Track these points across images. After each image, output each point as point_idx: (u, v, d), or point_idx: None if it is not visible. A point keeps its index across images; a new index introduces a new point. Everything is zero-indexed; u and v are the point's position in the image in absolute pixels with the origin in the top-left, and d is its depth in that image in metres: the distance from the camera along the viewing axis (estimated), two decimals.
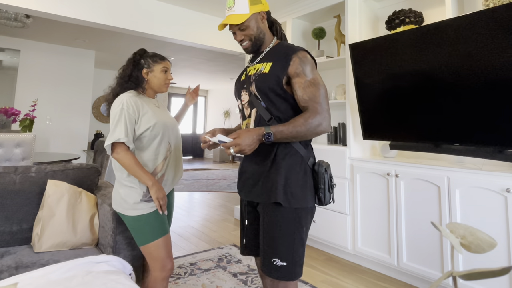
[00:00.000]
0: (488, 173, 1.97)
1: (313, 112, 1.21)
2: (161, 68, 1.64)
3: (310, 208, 1.28)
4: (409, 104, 2.35)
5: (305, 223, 1.26)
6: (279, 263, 1.20)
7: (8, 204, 1.80)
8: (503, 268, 0.42)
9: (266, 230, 1.26)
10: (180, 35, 3.74)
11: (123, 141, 1.46)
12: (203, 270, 2.51)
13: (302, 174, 1.26)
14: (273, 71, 1.27)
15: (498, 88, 1.88)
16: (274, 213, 1.24)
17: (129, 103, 1.51)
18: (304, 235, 1.25)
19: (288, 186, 1.23)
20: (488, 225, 1.94)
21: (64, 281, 1.26)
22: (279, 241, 1.22)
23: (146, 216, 1.50)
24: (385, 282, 2.40)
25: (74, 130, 5.87)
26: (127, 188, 1.52)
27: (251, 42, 1.35)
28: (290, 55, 1.27)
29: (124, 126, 1.47)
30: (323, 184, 1.26)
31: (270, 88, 1.27)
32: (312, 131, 1.20)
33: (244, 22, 1.31)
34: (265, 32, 1.38)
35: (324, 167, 1.27)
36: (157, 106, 1.68)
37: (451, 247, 0.54)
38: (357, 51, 2.62)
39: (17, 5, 2.82)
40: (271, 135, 1.17)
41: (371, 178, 2.58)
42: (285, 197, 1.22)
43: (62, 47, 5.80)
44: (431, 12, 2.69)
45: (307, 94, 1.23)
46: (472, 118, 2.02)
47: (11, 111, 3.55)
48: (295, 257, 1.21)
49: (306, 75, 1.25)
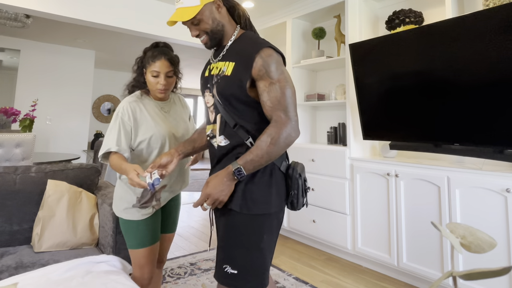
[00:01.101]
0: (488, 173, 1.97)
1: (278, 124, 1.08)
2: (150, 71, 1.44)
3: (274, 214, 1.17)
4: (409, 104, 2.35)
5: (267, 230, 1.14)
6: (229, 270, 1.11)
7: (8, 204, 1.80)
8: (503, 268, 0.42)
9: (220, 234, 1.19)
10: (180, 35, 3.74)
11: (114, 151, 1.37)
12: (203, 270, 2.51)
13: (267, 178, 1.15)
14: (235, 73, 1.14)
15: (498, 88, 1.88)
16: (229, 218, 1.15)
17: (126, 109, 1.41)
18: (264, 243, 1.13)
19: (248, 191, 1.13)
20: (488, 225, 1.94)
21: (64, 281, 1.26)
22: (231, 247, 1.13)
23: (136, 222, 1.44)
24: (385, 282, 2.40)
25: (74, 130, 5.87)
26: (124, 191, 1.46)
27: (209, 36, 1.20)
28: (253, 55, 1.11)
29: (117, 134, 1.38)
30: (297, 189, 1.18)
31: (233, 94, 1.14)
32: (283, 146, 1.09)
33: (196, 15, 1.14)
34: (223, 23, 1.20)
35: (298, 171, 1.18)
36: (165, 110, 1.53)
37: (451, 247, 0.54)
38: (357, 51, 2.62)
39: (17, 5, 2.82)
40: (241, 170, 1.07)
41: (371, 178, 2.58)
42: (243, 202, 1.13)
43: (62, 47, 5.80)
44: (431, 12, 2.69)
45: (271, 100, 1.10)
46: (472, 118, 2.02)
47: (11, 111, 3.55)
48: (249, 267, 1.11)
49: (271, 77, 1.10)
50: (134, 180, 1.19)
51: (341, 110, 3.31)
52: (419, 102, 2.28)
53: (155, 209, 1.48)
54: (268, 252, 1.15)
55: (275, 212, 1.17)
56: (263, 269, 1.14)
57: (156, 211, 1.50)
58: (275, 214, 1.17)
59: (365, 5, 2.96)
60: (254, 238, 1.12)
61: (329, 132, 3.21)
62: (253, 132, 1.15)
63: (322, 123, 3.54)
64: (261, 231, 1.13)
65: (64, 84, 5.81)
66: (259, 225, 1.13)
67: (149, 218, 1.46)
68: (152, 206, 1.46)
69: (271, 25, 3.74)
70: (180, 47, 5.50)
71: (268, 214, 1.15)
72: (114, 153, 1.37)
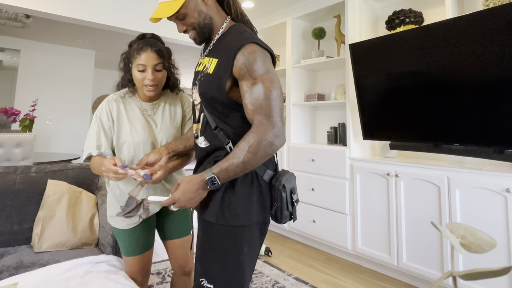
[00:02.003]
0: (488, 173, 1.97)
1: (259, 130, 0.97)
2: (136, 65, 1.27)
3: (256, 224, 1.07)
4: (409, 104, 2.35)
5: (247, 242, 1.05)
6: (206, 284, 1.04)
7: (8, 204, 1.80)
8: (503, 268, 0.42)
9: (198, 246, 1.11)
10: (180, 35, 3.74)
11: (95, 155, 1.28)
12: None
13: (247, 188, 1.05)
14: (216, 72, 1.05)
15: (498, 88, 1.88)
16: (206, 229, 1.08)
17: (104, 108, 1.32)
18: (243, 256, 1.04)
19: (226, 201, 1.05)
20: (488, 225, 1.94)
21: (64, 281, 1.26)
22: (208, 260, 1.06)
23: (121, 231, 1.38)
24: (385, 282, 2.40)
25: (74, 130, 5.87)
26: (111, 195, 1.39)
27: (196, 31, 1.10)
28: (234, 52, 1.01)
29: (97, 136, 1.29)
30: (280, 201, 1.06)
31: (212, 95, 1.05)
32: (262, 155, 0.98)
33: (180, 9, 1.05)
34: (211, 15, 1.10)
35: (282, 182, 1.06)
36: (148, 114, 1.37)
37: (451, 247, 0.54)
38: (357, 51, 2.62)
39: (17, 5, 2.82)
40: (215, 179, 0.98)
41: (371, 178, 2.58)
42: (220, 213, 1.04)
43: (62, 47, 5.80)
44: (431, 12, 2.69)
45: (252, 103, 0.99)
46: (472, 118, 2.02)
47: (11, 111, 3.55)
48: (226, 281, 1.03)
49: (253, 76, 0.99)
50: (108, 167, 1.08)
51: (341, 110, 3.31)
52: (419, 102, 2.28)
53: (142, 218, 1.37)
54: (248, 265, 1.07)
55: (257, 223, 1.07)
56: (243, 282, 1.05)
57: (149, 218, 1.41)
58: (257, 225, 1.07)
59: (365, 5, 2.96)
60: (232, 250, 1.04)
61: (329, 132, 3.21)
62: (233, 137, 1.06)
63: (322, 123, 3.54)
64: (240, 244, 1.04)
65: (64, 84, 5.81)
66: (238, 237, 1.04)
67: (137, 227, 1.37)
68: (139, 216, 1.36)
69: (271, 25, 3.74)
70: (180, 47, 5.50)
71: (248, 225, 1.05)
72: (93, 157, 1.30)
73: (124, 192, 1.35)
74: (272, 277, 2.42)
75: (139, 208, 1.36)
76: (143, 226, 1.40)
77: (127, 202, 1.34)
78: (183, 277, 1.55)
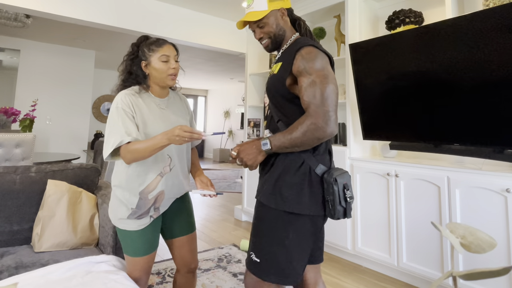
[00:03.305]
0: (488, 173, 1.97)
1: (311, 115, 1.11)
2: (158, 57, 1.36)
3: (309, 217, 1.16)
4: (409, 104, 2.35)
5: (295, 230, 1.15)
6: (254, 257, 1.19)
7: (8, 204, 1.80)
8: (503, 268, 0.42)
9: (253, 224, 1.27)
10: (181, 35, 3.74)
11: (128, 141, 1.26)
12: (203, 270, 2.51)
13: (299, 179, 1.17)
14: (280, 71, 1.24)
15: (498, 88, 1.88)
16: (259, 209, 1.24)
17: (124, 100, 1.33)
18: (289, 241, 1.14)
19: (278, 186, 1.18)
20: (488, 225, 1.94)
21: (64, 281, 1.26)
22: (258, 237, 1.21)
23: (131, 233, 1.38)
24: (385, 282, 2.40)
25: (74, 130, 5.87)
26: (118, 201, 1.38)
27: (271, 40, 1.31)
28: (294, 53, 1.20)
29: (123, 125, 1.28)
30: (332, 194, 1.14)
31: (276, 90, 1.25)
32: (309, 137, 1.11)
33: (262, 19, 1.28)
34: (285, 29, 1.32)
35: (334, 175, 1.15)
36: (162, 107, 1.43)
37: (451, 247, 0.54)
38: (357, 51, 2.62)
39: (17, 5, 2.82)
40: (267, 142, 1.16)
41: (371, 178, 2.58)
42: (272, 197, 1.18)
43: (62, 47, 5.80)
44: (431, 12, 2.69)
45: (307, 95, 1.13)
46: (472, 118, 2.02)
47: (11, 111, 3.55)
48: (271, 259, 1.15)
49: (309, 73, 1.15)
50: (185, 131, 1.17)
51: (341, 110, 3.30)
52: (419, 102, 2.28)
53: (153, 218, 1.41)
54: (295, 253, 1.15)
55: (310, 216, 1.16)
56: (287, 267, 1.15)
57: (157, 218, 1.44)
58: (310, 217, 1.17)
59: (365, 5, 2.96)
60: (279, 234, 1.15)
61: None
62: None
63: None
64: (287, 229, 1.15)
65: (64, 84, 5.81)
66: (286, 223, 1.15)
67: (147, 228, 1.39)
68: (150, 216, 1.39)
69: None
70: (180, 47, 5.50)
71: (299, 214, 1.15)
72: (125, 145, 1.26)
73: (136, 193, 1.35)
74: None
75: (150, 209, 1.38)
76: (152, 226, 1.42)
77: (137, 204, 1.35)
78: (188, 274, 1.57)
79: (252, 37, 4.13)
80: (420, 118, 2.29)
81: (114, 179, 1.42)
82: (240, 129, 10.09)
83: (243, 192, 3.92)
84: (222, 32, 4.09)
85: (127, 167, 1.36)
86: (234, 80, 9.50)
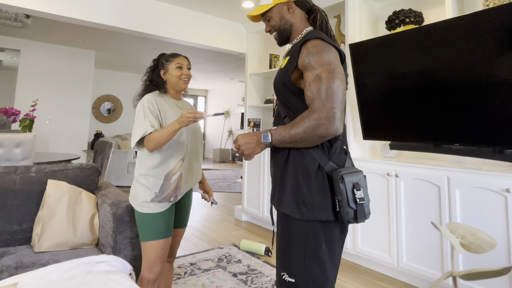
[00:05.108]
0: (488, 173, 1.97)
1: (313, 110, 1.03)
2: (174, 65, 1.67)
3: (335, 222, 1.07)
4: (409, 104, 2.35)
5: (325, 238, 1.06)
6: (287, 278, 1.07)
7: (8, 204, 1.80)
8: (503, 268, 0.42)
9: (278, 240, 1.15)
10: (181, 35, 3.74)
11: (151, 131, 1.48)
12: (203, 270, 2.51)
13: (321, 182, 1.07)
14: (287, 65, 1.19)
15: (498, 88, 1.88)
16: (285, 223, 1.11)
17: (150, 100, 1.58)
18: (323, 253, 1.05)
19: (300, 194, 1.07)
20: (488, 225, 1.94)
21: (64, 281, 1.26)
22: (288, 254, 1.09)
23: (152, 215, 1.54)
24: (385, 282, 2.40)
25: (74, 130, 5.87)
26: (142, 186, 1.56)
27: (277, 32, 1.29)
28: (299, 46, 1.14)
29: (147, 119, 1.51)
30: (340, 195, 1.03)
31: (282, 83, 1.19)
32: (310, 134, 1.02)
33: (267, 12, 1.28)
34: (292, 23, 1.26)
35: (341, 173, 1.04)
36: (179, 107, 1.68)
37: (451, 247, 0.54)
38: (357, 51, 2.62)
39: (17, 5, 2.82)
40: (267, 135, 1.09)
41: (371, 178, 2.57)
42: (295, 206, 1.07)
43: (62, 47, 5.80)
44: (431, 12, 2.69)
45: (310, 90, 1.06)
46: (472, 118, 2.02)
47: (11, 111, 3.55)
48: (306, 275, 1.05)
49: (314, 67, 1.07)
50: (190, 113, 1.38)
51: None
52: (419, 102, 2.28)
53: (171, 202, 1.59)
54: (329, 264, 1.07)
55: (335, 221, 1.07)
56: (324, 281, 1.06)
57: (172, 206, 1.60)
58: (339, 223, 1.08)
59: (365, 5, 2.96)
60: (310, 246, 1.05)
61: None
62: None
63: None
64: (318, 239, 1.05)
65: (64, 84, 5.81)
66: (316, 233, 1.05)
67: (166, 211, 1.57)
68: (169, 201, 1.57)
69: None
70: (180, 47, 5.50)
71: (327, 221, 1.06)
72: (148, 135, 1.48)
73: (161, 177, 1.55)
74: (272, 277, 2.42)
75: (172, 193, 1.57)
76: (170, 210, 1.60)
77: (161, 188, 1.54)
78: (168, 264, 1.80)
79: (252, 37, 4.14)
80: (420, 118, 2.29)
81: (138, 169, 1.59)
82: (240, 129, 10.09)
83: (243, 192, 3.92)
84: (222, 32, 4.08)
85: (153, 157, 1.56)
86: (234, 80, 9.50)
